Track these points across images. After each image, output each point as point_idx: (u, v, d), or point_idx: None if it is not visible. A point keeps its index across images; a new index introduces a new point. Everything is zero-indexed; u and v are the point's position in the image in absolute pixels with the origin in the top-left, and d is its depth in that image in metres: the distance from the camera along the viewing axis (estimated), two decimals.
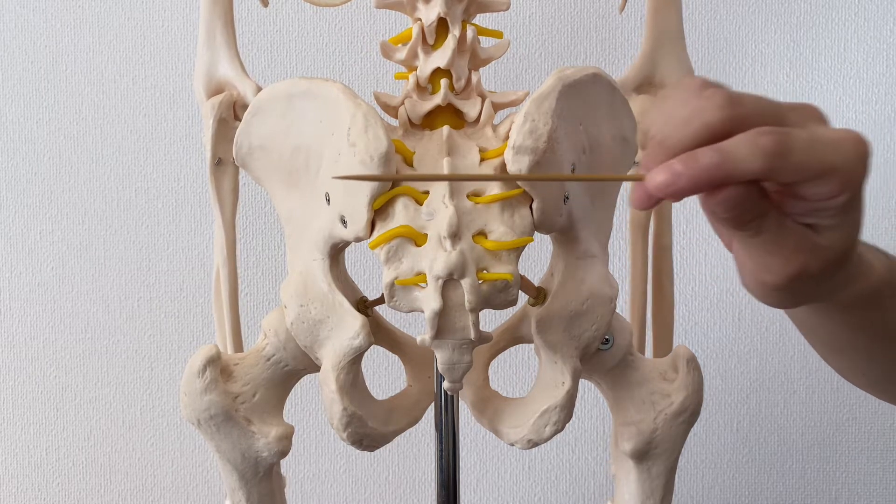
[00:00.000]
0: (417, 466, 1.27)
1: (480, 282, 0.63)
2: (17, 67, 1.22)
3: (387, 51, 0.70)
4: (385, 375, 1.12)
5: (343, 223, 0.65)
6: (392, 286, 0.64)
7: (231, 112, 0.77)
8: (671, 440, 0.74)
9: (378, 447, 0.72)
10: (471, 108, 0.69)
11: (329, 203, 0.66)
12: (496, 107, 0.69)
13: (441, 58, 0.69)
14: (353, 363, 0.68)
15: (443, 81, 0.69)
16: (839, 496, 1.29)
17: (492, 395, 0.76)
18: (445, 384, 0.67)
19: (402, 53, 0.70)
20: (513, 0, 0.71)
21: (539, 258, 0.81)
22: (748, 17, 1.22)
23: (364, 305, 0.71)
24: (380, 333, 0.75)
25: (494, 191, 0.64)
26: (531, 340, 0.71)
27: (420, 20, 0.69)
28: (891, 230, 1.24)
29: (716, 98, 0.49)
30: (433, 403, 0.78)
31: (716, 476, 1.29)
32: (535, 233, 0.65)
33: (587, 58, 1.22)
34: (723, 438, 1.28)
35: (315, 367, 0.72)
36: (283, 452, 0.72)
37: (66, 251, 1.24)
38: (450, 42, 0.68)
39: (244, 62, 0.78)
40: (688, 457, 1.25)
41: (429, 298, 0.62)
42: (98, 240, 1.24)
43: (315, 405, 1.21)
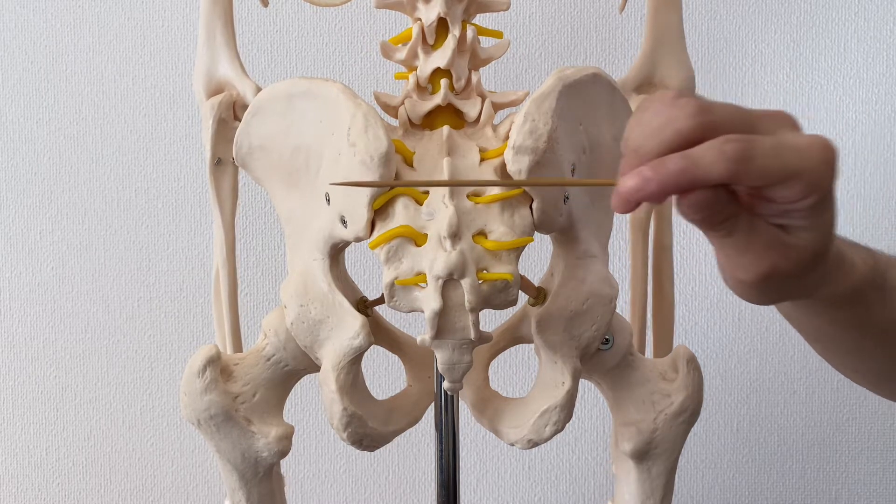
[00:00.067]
0: (417, 466, 1.27)
1: (480, 282, 0.63)
2: (17, 67, 1.22)
3: (387, 51, 0.70)
4: (385, 375, 1.12)
5: (343, 223, 0.65)
6: (392, 286, 0.64)
7: (231, 112, 0.77)
8: (671, 440, 0.74)
9: (378, 447, 0.72)
10: (471, 108, 0.69)
11: (329, 203, 0.66)
12: (496, 107, 0.69)
13: (441, 58, 0.69)
14: (353, 363, 0.68)
15: (443, 81, 0.69)
16: (839, 496, 1.29)
17: (492, 395, 0.76)
18: (445, 384, 0.67)
19: (402, 53, 0.70)
20: (513, 0, 0.71)
21: (539, 258, 0.81)
22: (748, 17, 1.22)
23: (364, 305, 0.71)
24: (380, 333, 0.75)
25: (494, 191, 0.64)
26: (531, 340, 0.71)
27: (420, 20, 0.69)
28: (891, 230, 1.24)
29: (687, 107, 0.52)
30: (433, 403, 0.78)
31: (716, 476, 1.28)
32: (535, 233, 0.65)
33: (587, 58, 1.22)
34: (723, 438, 1.28)
35: (315, 367, 0.72)
36: (283, 452, 0.72)
37: (66, 251, 1.24)
38: (450, 42, 0.68)
39: (244, 62, 0.78)
40: (688, 457, 1.25)
41: (429, 298, 0.62)
42: (98, 240, 1.24)
43: (315, 405, 1.21)
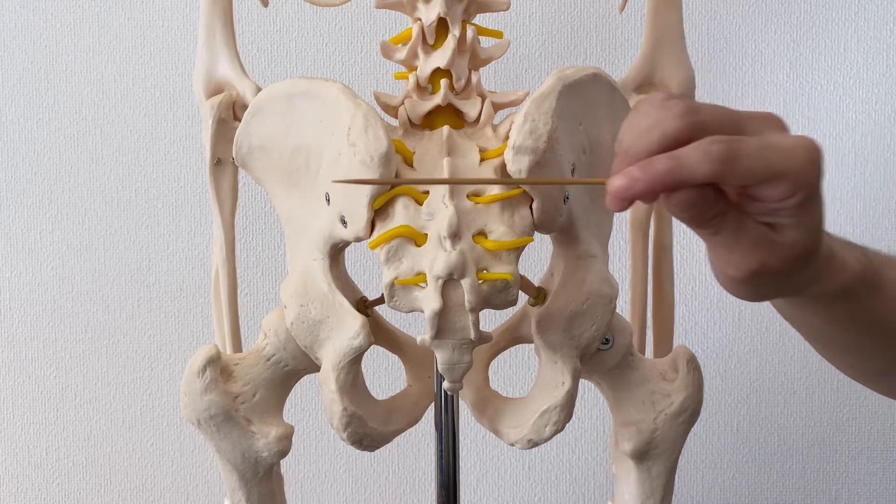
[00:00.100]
0: (417, 466, 1.27)
1: (480, 282, 0.63)
2: (17, 67, 1.22)
3: (387, 51, 0.70)
4: (385, 375, 1.12)
5: (343, 223, 0.65)
6: (392, 286, 0.64)
7: (230, 112, 0.77)
8: (671, 440, 0.74)
9: (378, 447, 0.72)
10: (471, 108, 0.69)
11: (329, 203, 0.66)
12: (496, 107, 0.69)
13: (441, 58, 0.69)
14: (353, 363, 0.68)
15: (443, 81, 0.69)
16: (839, 496, 1.29)
17: (492, 395, 0.76)
18: (445, 384, 0.67)
19: (402, 53, 0.70)
20: (513, 0, 0.71)
21: (539, 258, 0.81)
22: (748, 17, 1.22)
23: (364, 305, 0.71)
24: (380, 333, 0.75)
25: (494, 191, 0.64)
26: (531, 340, 0.71)
27: (420, 20, 0.69)
28: (891, 230, 1.24)
29: (674, 109, 0.54)
30: (433, 403, 0.78)
31: (716, 476, 1.28)
32: (535, 233, 0.65)
33: (587, 58, 1.22)
34: (723, 438, 1.28)
35: (315, 367, 0.72)
36: (283, 452, 0.72)
37: (66, 251, 1.24)
38: (450, 42, 0.68)
39: (244, 62, 0.78)
40: (688, 457, 1.25)
41: (429, 298, 0.62)
42: (98, 240, 1.24)
43: (315, 405, 1.21)
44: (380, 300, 0.69)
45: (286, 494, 0.78)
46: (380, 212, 0.64)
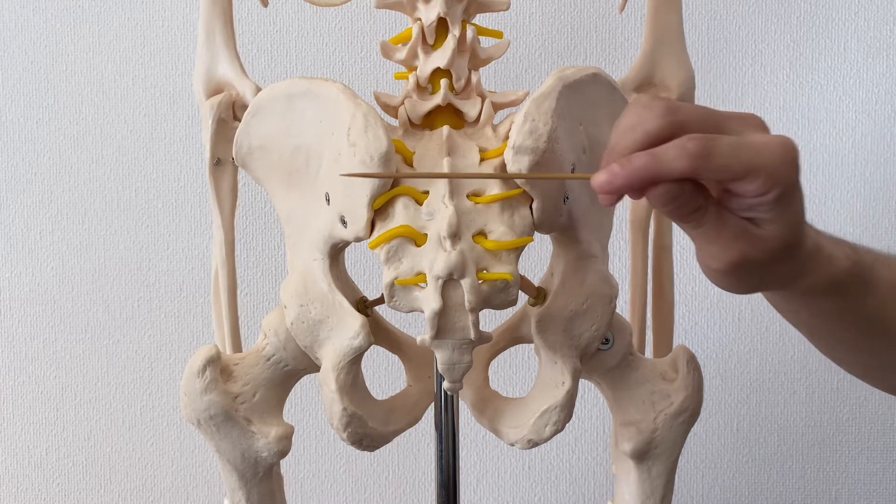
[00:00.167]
0: (417, 466, 1.27)
1: (480, 282, 0.63)
2: (17, 67, 1.22)
3: (387, 51, 0.70)
4: (385, 375, 1.12)
5: (343, 223, 0.65)
6: (392, 286, 0.64)
7: (230, 112, 0.77)
8: (671, 440, 0.74)
9: (378, 447, 0.72)
10: (471, 108, 0.69)
11: (329, 203, 0.66)
12: (496, 107, 0.69)
13: (441, 58, 0.69)
14: (353, 363, 0.68)
15: (443, 81, 0.69)
16: (839, 496, 1.29)
17: (492, 395, 0.76)
18: (445, 384, 0.67)
19: (402, 53, 0.70)
20: (513, 0, 0.71)
21: (539, 258, 0.81)
22: (748, 17, 1.22)
23: (364, 305, 0.71)
24: (380, 333, 0.75)
25: (494, 191, 0.64)
26: (531, 340, 0.71)
27: (420, 20, 0.69)
28: (891, 230, 1.24)
29: (656, 108, 0.57)
30: (433, 403, 0.78)
31: (716, 476, 1.28)
32: (535, 233, 0.65)
33: (587, 58, 1.22)
34: (723, 438, 1.28)
35: (315, 367, 0.72)
36: (283, 452, 0.72)
37: (66, 251, 1.24)
38: (450, 42, 0.68)
39: (244, 62, 0.78)
40: (688, 457, 1.25)
41: (429, 298, 0.62)
42: (98, 240, 1.24)
43: (315, 405, 1.21)
44: (380, 300, 0.69)
45: (286, 494, 0.78)
46: (380, 212, 0.64)
